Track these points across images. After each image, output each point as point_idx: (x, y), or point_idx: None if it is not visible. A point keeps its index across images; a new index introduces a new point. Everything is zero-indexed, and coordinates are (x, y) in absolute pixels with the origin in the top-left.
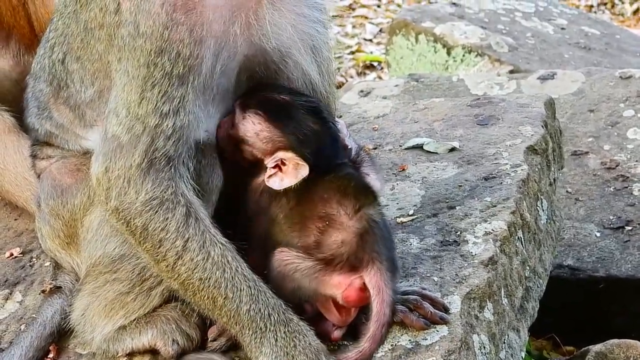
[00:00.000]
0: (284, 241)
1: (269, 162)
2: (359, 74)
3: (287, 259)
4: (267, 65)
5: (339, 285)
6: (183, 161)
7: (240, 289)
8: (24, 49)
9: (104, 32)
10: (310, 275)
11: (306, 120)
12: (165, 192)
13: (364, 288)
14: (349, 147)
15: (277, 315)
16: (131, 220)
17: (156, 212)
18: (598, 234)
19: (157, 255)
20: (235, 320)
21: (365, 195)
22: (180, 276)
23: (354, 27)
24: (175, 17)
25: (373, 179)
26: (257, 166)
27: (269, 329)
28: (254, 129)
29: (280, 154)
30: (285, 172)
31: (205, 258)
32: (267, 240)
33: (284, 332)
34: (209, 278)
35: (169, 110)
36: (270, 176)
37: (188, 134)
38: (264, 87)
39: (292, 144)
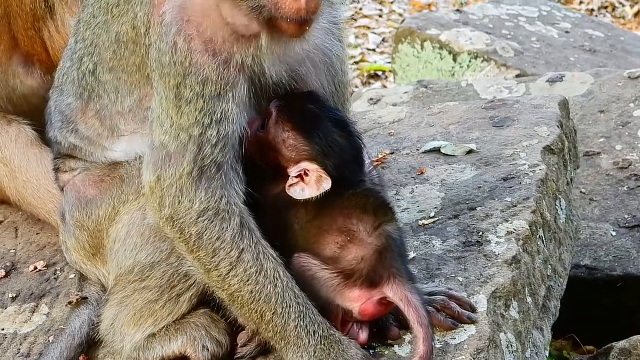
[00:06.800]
0: (301, 249)
1: (293, 171)
2: (364, 84)
3: (305, 265)
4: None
5: (358, 299)
6: (232, 165)
7: (290, 306)
8: (45, 72)
9: (138, 48)
10: (329, 286)
11: (333, 134)
12: (220, 202)
13: (381, 302)
14: (366, 162)
15: (321, 332)
16: (186, 229)
17: (212, 222)
18: (614, 234)
19: (210, 265)
20: (281, 336)
21: (384, 211)
22: (230, 287)
23: (357, 37)
24: (194, 46)
25: None
26: (279, 173)
27: (311, 344)
28: (282, 135)
29: (305, 165)
30: (308, 183)
31: (259, 271)
32: (282, 245)
33: (323, 344)
34: (260, 292)
35: (212, 121)
36: (291, 185)
37: (234, 141)
38: (298, 94)
39: (316, 156)
